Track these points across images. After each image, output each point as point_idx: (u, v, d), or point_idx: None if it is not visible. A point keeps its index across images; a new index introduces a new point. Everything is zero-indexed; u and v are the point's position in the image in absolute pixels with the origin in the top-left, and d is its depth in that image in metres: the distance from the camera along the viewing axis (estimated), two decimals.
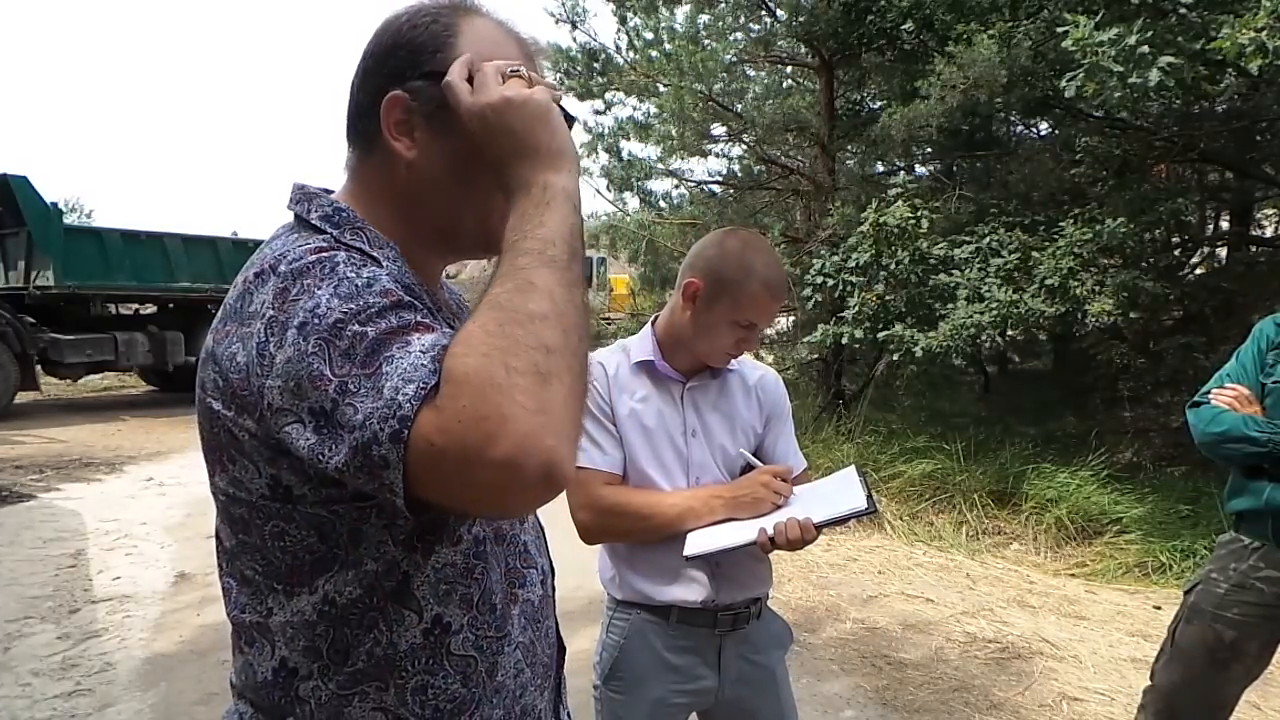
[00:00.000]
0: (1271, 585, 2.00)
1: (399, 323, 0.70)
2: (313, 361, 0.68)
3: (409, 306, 0.72)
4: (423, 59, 0.83)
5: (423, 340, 0.69)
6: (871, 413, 7.55)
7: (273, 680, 0.82)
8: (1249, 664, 2.08)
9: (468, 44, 0.84)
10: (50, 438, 8.63)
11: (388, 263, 0.81)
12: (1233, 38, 3.86)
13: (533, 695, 0.92)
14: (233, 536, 0.83)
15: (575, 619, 3.92)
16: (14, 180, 9.77)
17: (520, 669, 0.89)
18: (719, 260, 1.56)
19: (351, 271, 0.72)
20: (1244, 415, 2.02)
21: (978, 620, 3.93)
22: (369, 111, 0.84)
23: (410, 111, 0.83)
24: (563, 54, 8.60)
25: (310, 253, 0.74)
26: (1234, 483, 2.13)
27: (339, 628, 0.79)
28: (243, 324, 0.74)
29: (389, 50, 0.84)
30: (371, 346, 0.68)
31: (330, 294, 0.70)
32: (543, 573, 0.97)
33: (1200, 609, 2.11)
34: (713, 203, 9.40)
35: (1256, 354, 2.12)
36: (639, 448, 1.58)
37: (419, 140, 0.84)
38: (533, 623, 0.92)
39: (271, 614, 0.81)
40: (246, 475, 0.77)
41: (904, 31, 6.75)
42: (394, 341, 0.68)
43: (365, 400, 0.66)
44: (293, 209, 0.85)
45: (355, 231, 0.82)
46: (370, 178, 0.87)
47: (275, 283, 0.73)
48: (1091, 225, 5.56)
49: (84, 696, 3.11)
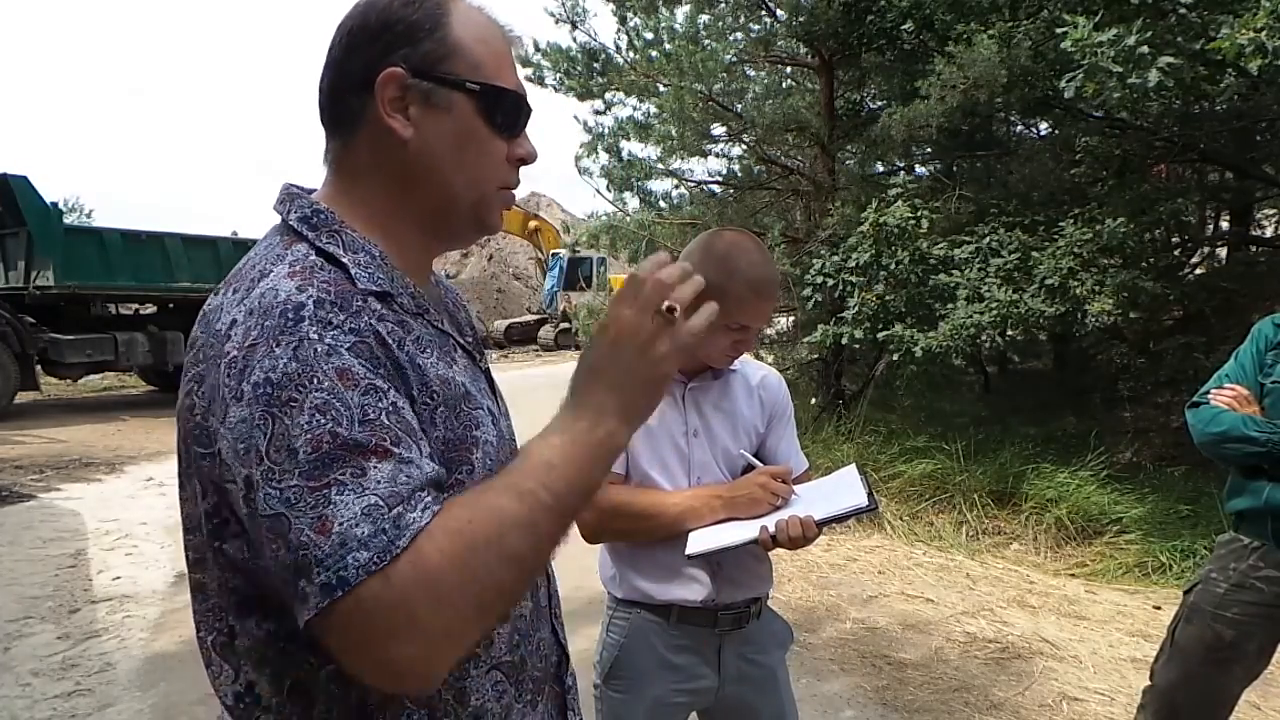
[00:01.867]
0: (1271, 585, 2.01)
1: (348, 432, 0.68)
2: (255, 434, 0.68)
3: (369, 391, 0.70)
4: (419, 35, 0.82)
5: (379, 472, 0.68)
6: (871, 413, 7.54)
7: (235, 705, 0.81)
8: (1249, 663, 2.08)
9: (457, 26, 0.83)
10: (50, 438, 8.63)
11: (357, 268, 0.79)
12: (1232, 38, 3.86)
13: (520, 715, 0.89)
14: (193, 541, 0.82)
15: (575, 619, 3.91)
16: (14, 180, 9.77)
17: (502, 690, 0.86)
18: (704, 265, 1.55)
19: (315, 331, 0.70)
20: (1243, 415, 2.02)
21: (978, 620, 3.93)
22: (354, 91, 0.83)
23: (406, 89, 0.82)
24: (562, 54, 8.59)
25: (284, 293, 0.73)
26: (1233, 483, 2.13)
27: (293, 667, 0.78)
28: (216, 353, 0.74)
29: (379, 27, 0.82)
30: (318, 457, 0.67)
31: (289, 357, 0.69)
32: (534, 583, 0.94)
33: (1200, 608, 2.11)
34: (713, 203, 9.38)
35: (1255, 354, 2.12)
36: (641, 448, 1.58)
37: (414, 118, 0.82)
38: (524, 639, 0.90)
39: (235, 636, 0.80)
40: (196, 489, 0.78)
41: (904, 31, 6.74)
42: (345, 462, 0.67)
43: (304, 522, 0.66)
44: (276, 209, 0.86)
45: (331, 234, 0.81)
46: (355, 164, 0.85)
47: (244, 315, 0.73)
48: (1091, 225, 5.56)
49: (84, 696, 3.11)
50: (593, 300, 9.77)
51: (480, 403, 0.87)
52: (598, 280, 17.17)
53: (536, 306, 25.28)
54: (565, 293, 21.74)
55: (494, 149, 0.87)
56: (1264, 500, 2.00)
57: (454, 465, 0.80)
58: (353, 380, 0.70)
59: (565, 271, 21.98)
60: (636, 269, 0.82)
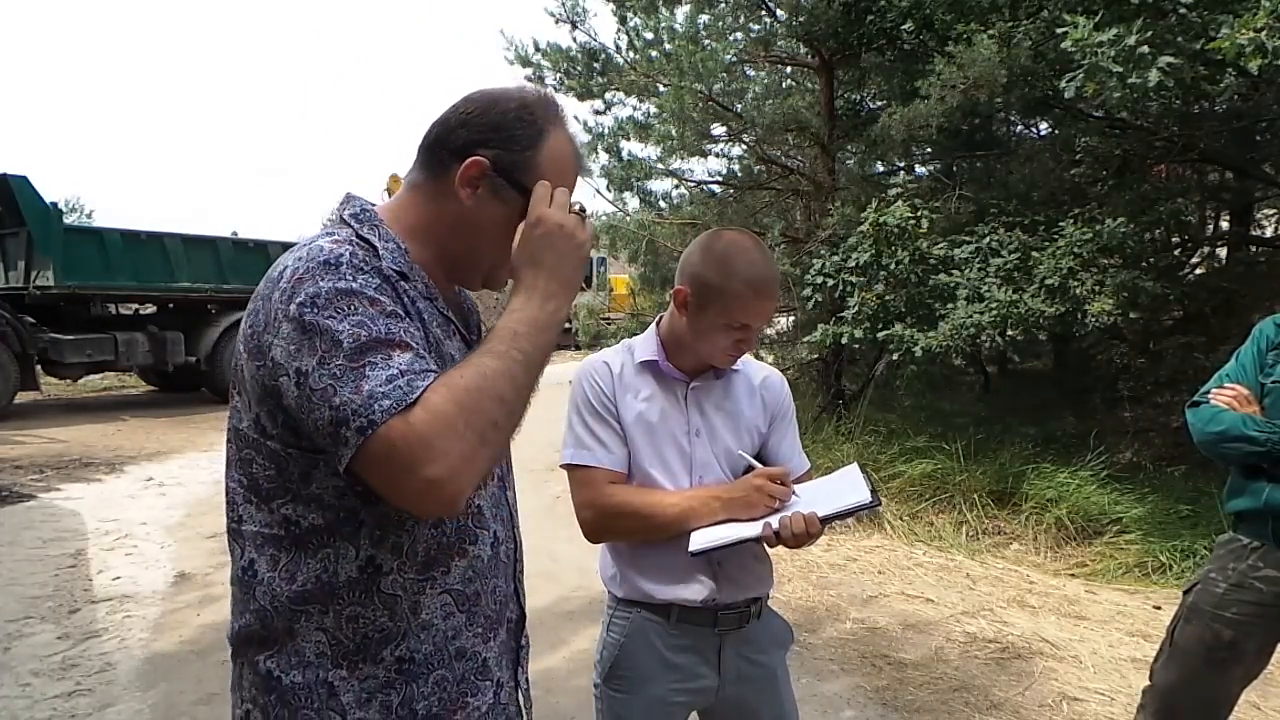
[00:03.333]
0: (1270, 585, 2.00)
1: (379, 332, 0.90)
2: (304, 338, 0.89)
3: (391, 315, 0.93)
4: (515, 149, 1.05)
5: (401, 358, 0.89)
6: (871, 413, 7.55)
7: (240, 575, 1.03)
8: (1248, 663, 2.08)
9: (546, 152, 1.06)
10: (50, 438, 8.63)
11: (386, 251, 1.01)
12: (1232, 38, 3.86)
13: (470, 640, 1.06)
14: (229, 451, 1.04)
15: (575, 619, 3.93)
16: (14, 180, 9.77)
17: (450, 611, 1.04)
18: (702, 266, 1.56)
19: (349, 274, 0.93)
20: (1243, 415, 2.01)
21: (978, 620, 3.93)
22: (450, 153, 1.05)
23: (484, 174, 1.04)
24: (563, 54, 8.59)
25: (328, 248, 0.95)
26: (1233, 483, 2.13)
27: (292, 549, 0.98)
28: (271, 290, 0.95)
29: (492, 124, 1.05)
30: (357, 346, 0.88)
31: (331, 286, 0.91)
32: (495, 537, 1.10)
33: (1199, 609, 2.11)
34: (713, 203, 9.38)
35: (1256, 354, 2.12)
36: (642, 447, 1.59)
37: (479, 196, 1.05)
38: (480, 576, 1.07)
39: (242, 522, 1.02)
40: (241, 406, 1.00)
41: (904, 31, 6.74)
42: (377, 350, 0.89)
43: (345, 388, 0.87)
44: (336, 209, 1.08)
45: (372, 228, 1.04)
46: (427, 198, 1.08)
47: (294, 261, 0.95)
48: (1091, 225, 5.55)
49: (84, 696, 3.11)
50: (593, 300, 9.76)
51: None
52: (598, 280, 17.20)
53: None
54: None
55: None
56: (1264, 501, 2.00)
57: None
58: (380, 306, 0.92)
59: None
60: (541, 204, 1.05)
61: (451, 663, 1.04)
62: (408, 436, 0.85)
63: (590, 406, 1.60)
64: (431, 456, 0.85)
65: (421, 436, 0.85)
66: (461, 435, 0.87)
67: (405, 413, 0.86)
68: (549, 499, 5.92)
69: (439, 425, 0.86)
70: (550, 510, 5.62)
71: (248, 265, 11.36)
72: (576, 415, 1.61)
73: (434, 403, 0.87)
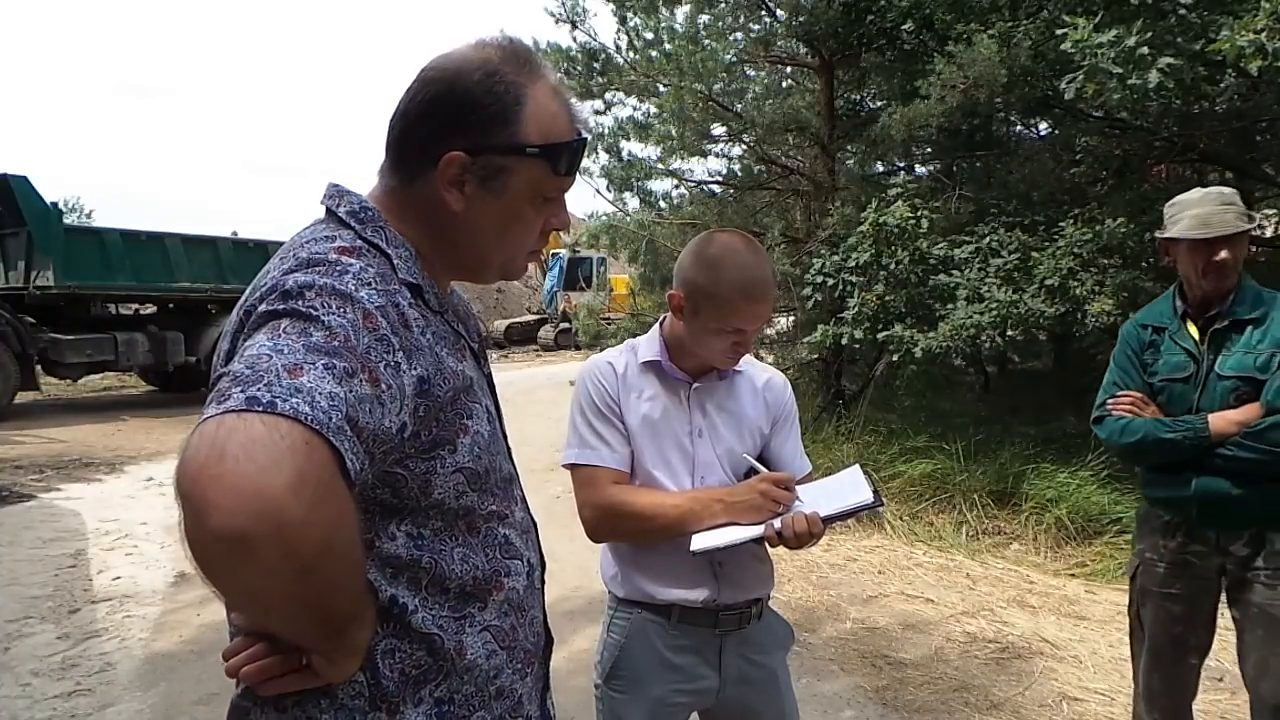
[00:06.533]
0: (1202, 558, 2.10)
1: (358, 348, 0.75)
2: (275, 316, 0.76)
3: (379, 336, 0.78)
4: (494, 130, 0.90)
5: (361, 388, 0.73)
6: (871, 413, 7.54)
7: None
8: (1200, 635, 2.17)
9: (529, 118, 0.91)
10: (50, 438, 8.63)
11: (400, 261, 0.89)
12: (1232, 39, 3.86)
13: (509, 678, 0.97)
14: None
15: (575, 619, 3.92)
16: (14, 180, 9.78)
17: (493, 651, 0.95)
18: (694, 271, 1.56)
19: (353, 284, 0.80)
20: (1151, 419, 2.08)
21: (978, 620, 3.93)
22: (420, 150, 0.91)
23: (466, 170, 0.90)
24: (562, 54, 8.59)
25: (332, 251, 0.84)
26: (1147, 475, 2.20)
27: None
28: (261, 277, 0.85)
29: (458, 106, 0.89)
30: (327, 348, 0.73)
31: (329, 283, 0.79)
32: (529, 565, 1.02)
33: (1149, 590, 2.21)
34: (713, 203, 9.37)
35: (1132, 355, 2.19)
36: (645, 447, 1.59)
37: (468, 195, 0.92)
38: (516, 610, 0.98)
39: None
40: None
41: (904, 31, 6.73)
42: (346, 360, 0.73)
43: (280, 360, 0.70)
44: (325, 204, 0.94)
45: (377, 229, 0.91)
46: (406, 204, 0.94)
47: (292, 259, 0.84)
48: (1091, 225, 5.55)
49: (84, 696, 3.11)
50: (593, 300, 9.76)
51: (479, 398, 0.96)
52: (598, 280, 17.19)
53: (536, 306, 25.30)
54: (565, 293, 21.79)
55: (532, 225, 0.98)
56: (1192, 489, 2.05)
57: (440, 442, 0.88)
58: (373, 325, 0.78)
59: (565, 271, 22.03)
60: None
61: (490, 703, 0.96)
62: (247, 447, 0.62)
63: (594, 406, 1.60)
64: (230, 491, 0.61)
65: (254, 461, 0.62)
66: (287, 520, 0.63)
67: (301, 432, 0.65)
68: (549, 499, 5.92)
69: (284, 478, 0.63)
70: (550, 510, 5.62)
71: (248, 265, 11.36)
72: (580, 415, 1.61)
73: (312, 465, 0.65)
